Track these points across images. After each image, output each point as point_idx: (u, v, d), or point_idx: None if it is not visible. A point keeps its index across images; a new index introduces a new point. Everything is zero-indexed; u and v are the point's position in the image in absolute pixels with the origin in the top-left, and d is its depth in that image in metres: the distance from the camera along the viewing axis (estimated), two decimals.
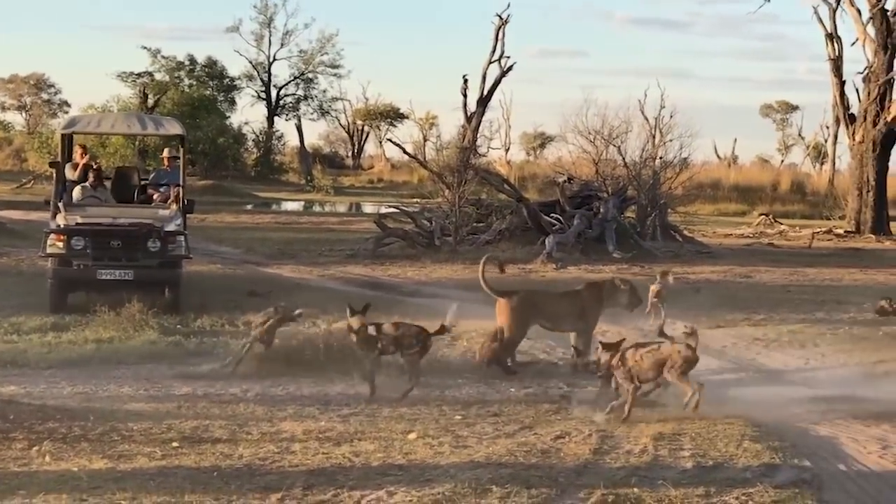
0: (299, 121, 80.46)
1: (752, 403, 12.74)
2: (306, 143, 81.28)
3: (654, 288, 17.55)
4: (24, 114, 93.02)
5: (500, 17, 51.94)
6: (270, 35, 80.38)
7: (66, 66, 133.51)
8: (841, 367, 15.69)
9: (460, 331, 17.02)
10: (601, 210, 31.09)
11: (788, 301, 22.03)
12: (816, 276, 27.55)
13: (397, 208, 34.01)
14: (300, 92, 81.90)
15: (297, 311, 14.70)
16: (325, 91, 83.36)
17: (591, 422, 11.51)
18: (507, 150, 78.96)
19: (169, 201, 20.46)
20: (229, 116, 73.21)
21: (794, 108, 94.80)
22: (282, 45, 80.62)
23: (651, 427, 11.25)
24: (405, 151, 41.00)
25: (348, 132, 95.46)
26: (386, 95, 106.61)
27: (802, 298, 22.65)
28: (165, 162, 22.41)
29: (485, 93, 55.21)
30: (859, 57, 71.88)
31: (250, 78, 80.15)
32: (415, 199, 37.16)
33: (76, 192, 20.25)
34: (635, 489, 9.13)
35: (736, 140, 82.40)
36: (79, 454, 9.81)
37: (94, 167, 20.93)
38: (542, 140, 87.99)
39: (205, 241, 29.57)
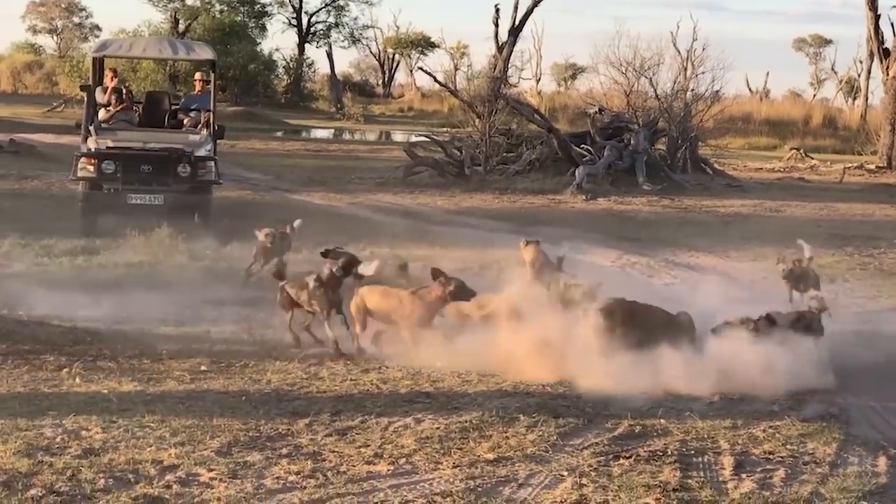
0: (330, 48, 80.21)
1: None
2: (337, 70, 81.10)
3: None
4: (55, 37, 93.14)
5: None
6: None
7: None
8: (870, 302, 15.64)
9: (489, 261, 17.05)
10: (632, 142, 30.96)
11: (818, 236, 21.85)
12: (847, 212, 27.43)
13: (428, 137, 33.87)
14: (331, 19, 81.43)
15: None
16: (356, 18, 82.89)
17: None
18: (538, 81, 78.76)
19: (199, 126, 20.41)
20: (260, 43, 72.98)
21: (828, 41, 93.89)
22: None
23: None
24: (436, 80, 40.89)
25: (379, 60, 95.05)
26: (417, 24, 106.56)
27: (833, 233, 22.54)
28: (197, 86, 22.20)
29: (516, 22, 54.89)
30: None
31: (281, 4, 79.60)
32: (445, 129, 36.97)
33: (101, 115, 20.20)
34: (662, 420, 9.15)
35: (768, 74, 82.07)
36: (108, 376, 9.89)
37: (124, 91, 20.91)
38: (574, 71, 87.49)
39: (235, 167, 29.55)
